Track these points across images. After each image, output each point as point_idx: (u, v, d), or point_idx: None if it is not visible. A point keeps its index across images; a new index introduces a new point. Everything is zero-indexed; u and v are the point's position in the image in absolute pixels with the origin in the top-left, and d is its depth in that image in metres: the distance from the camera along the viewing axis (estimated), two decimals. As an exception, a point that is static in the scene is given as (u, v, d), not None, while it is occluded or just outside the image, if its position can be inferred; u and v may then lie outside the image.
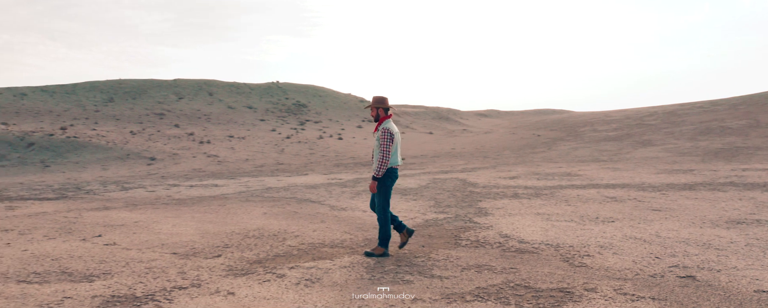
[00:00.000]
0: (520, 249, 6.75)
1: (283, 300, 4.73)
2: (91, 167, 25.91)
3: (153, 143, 31.87)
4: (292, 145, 34.38)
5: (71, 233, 8.41)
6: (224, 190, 15.63)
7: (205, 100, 47.01)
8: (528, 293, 4.87)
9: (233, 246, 7.24)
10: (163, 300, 4.78)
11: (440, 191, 13.57)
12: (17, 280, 5.49)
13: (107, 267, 6.05)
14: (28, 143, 28.11)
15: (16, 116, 37.72)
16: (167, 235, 8.15)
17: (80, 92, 46.17)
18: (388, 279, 5.39)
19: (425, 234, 7.98)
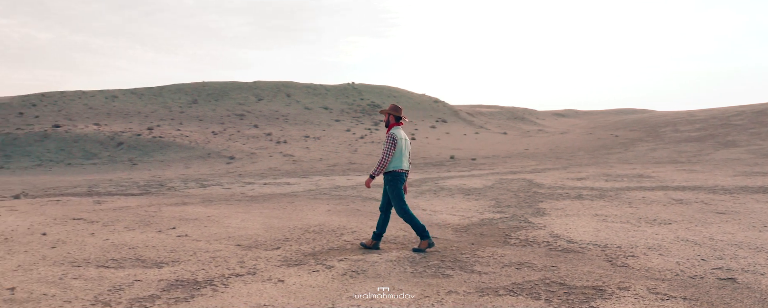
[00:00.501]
0: (567, 249, 6.87)
1: (327, 289, 5.11)
2: (174, 165, 27.33)
3: (232, 142, 33.21)
4: (365, 145, 34.99)
5: (149, 225, 9.11)
6: (295, 188, 16.26)
7: (283, 101, 48.46)
8: (561, 289, 5.03)
9: (292, 240, 7.69)
10: (219, 285, 5.25)
11: (504, 192, 13.66)
12: (96, 265, 6.13)
13: (176, 256, 6.62)
14: (117, 143, 29.96)
15: (107, 117, 40.17)
16: (235, 229, 8.70)
17: (166, 94, 48.59)
18: (429, 273, 5.67)
19: (477, 233, 8.19)
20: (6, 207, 11.90)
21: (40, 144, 30.24)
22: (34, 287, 5.18)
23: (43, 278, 5.52)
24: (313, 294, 4.92)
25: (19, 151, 29.58)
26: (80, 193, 16.22)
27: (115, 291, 5.06)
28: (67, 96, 45.66)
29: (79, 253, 6.73)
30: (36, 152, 29.38)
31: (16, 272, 5.77)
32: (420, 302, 4.69)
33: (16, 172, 26.78)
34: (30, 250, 6.88)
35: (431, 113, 50.17)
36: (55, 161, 28.16)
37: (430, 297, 4.84)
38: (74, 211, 11.03)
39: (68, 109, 42.09)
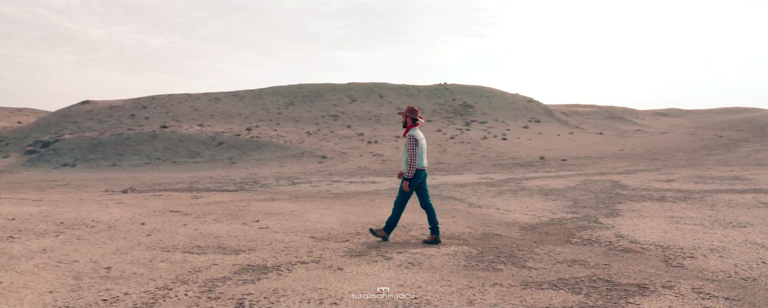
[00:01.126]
0: (627, 249, 6.91)
1: (380, 277, 5.50)
2: (270, 164, 28.63)
3: (325, 142, 34.30)
4: (455, 145, 35.14)
5: (236, 218, 9.86)
6: (379, 186, 16.77)
7: (375, 102, 49.36)
8: (604, 286, 5.16)
9: (363, 234, 8.14)
10: (284, 270, 5.77)
11: (585, 193, 13.55)
12: (183, 251, 6.83)
13: (254, 245, 7.22)
14: (218, 142, 31.72)
15: (210, 118, 42.47)
16: (312, 223, 9.26)
17: (265, 96, 50.69)
18: (481, 267, 5.94)
19: (543, 232, 8.32)
20: (114, 200, 13.11)
21: (149, 144, 32.53)
22: (126, 267, 5.90)
23: (136, 260, 6.25)
24: (365, 281, 5.32)
25: (130, 150, 31.96)
26: (181, 189, 17.49)
27: (194, 272, 5.68)
28: (174, 99, 48.64)
29: (169, 240, 7.48)
30: (145, 151, 31.64)
31: (114, 254, 6.54)
32: (463, 292, 4.98)
33: (127, 169, 29.00)
34: (128, 237, 7.71)
35: (524, 112, 49.53)
36: (161, 160, 30.24)
37: (474, 287, 5.12)
38: (173, 204, 12.02)
39: (175, 111, 44.87)
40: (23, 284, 5.16)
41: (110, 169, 29.40)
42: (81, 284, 5.22)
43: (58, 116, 47.67)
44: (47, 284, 5.19)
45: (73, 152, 32.67)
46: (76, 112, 46.74)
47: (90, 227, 8.48)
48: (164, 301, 4.67)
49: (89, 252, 6.64)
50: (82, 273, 5.65)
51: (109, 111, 45.59)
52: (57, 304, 4.58)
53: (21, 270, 5.71)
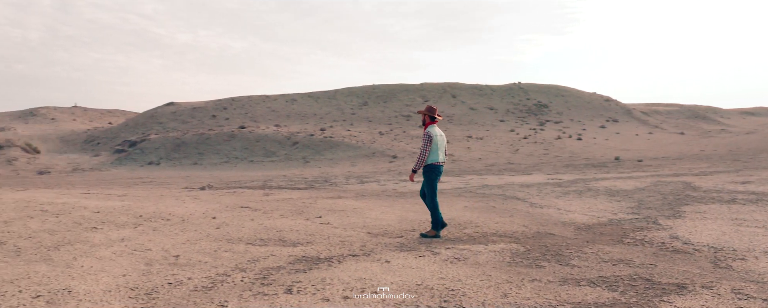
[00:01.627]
0: (678, 250, 6.87)
1: (424, 270, 5.76)
2: (342, 163, 29.28)
3: (397, 142, 34.70)
4: (528, 145, 34.79)
5: (300, 214, 10.34)
6: (444, 186, 16.96)
7: (448, 102, 49.41)
8: (643, 284, 5.23)
9: (418, 230, 8.41)
10: (335, 262, 6.13)
11: (653, 194, 13.31)
12: (246, 242, 7.32)
13: (312, 239, 7.64)
14: (293, 142, 32.69)
15: (287, 118, 43.74)
16: (372, 219, 9.61)
17: (340, 97, 51.66)
18: (525, 264, 6.10)
19: (597, 232, 8.34)
20: (192, 196, 13.92)
21: (228, 143, 33.92)
22: (193, 255, 6.42)
23: (202, 250, 6.78)
24: (408, 273, 5.60)
25: (210, 149, 33.43)
26: (255, 186, 18.28)
27: (253, 262, 6.13)
28: (253, 100, 50.37)
29: (235, 233, 8.01)
30: (224, 151, 33.02)
31: (184, 244, 7.10)
32: (500, 286, 5.18)
33: (207, 168, 30.38)
34: (199, 229, 8.30)
35: (601, 112, 48.34)
36: (239, 159, 31.50)
37: (512, 282, 5.31)
38: (244, 201, 12.67)
39: (253, 111, 46.47)
40: (100, 268, 5.75)
41: (192, 167, 30.87)
42: (151, 269, 5.76)
43: (144, 117, 50.31)
44: (121, 268, 5.75)
45: (157, 151, 34.47)
46: (162, 113, 49.18)
47: (166, 220, 9.14)
48: (222, 286, 5.11)
49: (162, 242, 7.23)
50: (153, 260, 6.20)
51: (191, 112, 47.72)
52: (128, 285, 5.10)
53: (100, 256, 6.33)
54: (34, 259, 6.09)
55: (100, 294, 4.80)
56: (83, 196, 13.19)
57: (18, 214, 9.16)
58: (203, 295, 4.80)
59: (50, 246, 6.76)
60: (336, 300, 4.70)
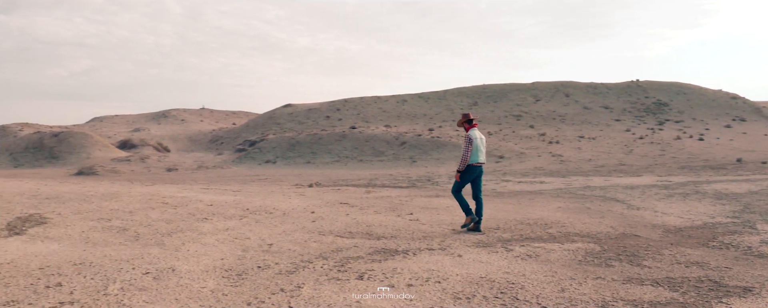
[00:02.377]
0: (762, 254, 6.68)
1: (492, 265, 6.06)
2: (448, 163, 29.59)
3: (505, 142, 34.52)
4: (643, 146, 33.47)
5: (394, 210, 10.85)
6: (545, 186, 16.90)
7: (561, 101, 48.33)
8: (708, 286, 5.23)
9: (502, 229, 8.66)
10: (411, 254, 6.56)
11: (764, 198, 12.67)
12: (335, 235, 7.92)
13: (397, 233, 8.11)
14: (401, 142, 33.41)
15: (397, 119, 44.61)
16: (461, 217, 9.93)
17: (449, 97, 51.91)
18: (595, 263, 6.23)
19: (686, 235, 8.22)
20: (298, 193, 14.84)
21: (339, 143, 35.22)
22: (285, 244, 7.09)
23: (295, 240, 7.44)
24: (476, 267, 5.93)
25: (322, 149, 34.87)
26: (359, 184, 19.06)
27: (336, 251, 6.70)
28: (365, 101, 51.76)
29: (328, 226, 8.64)
30: (335, 150, 34.34)
31: (279, 235, 7.81)
32: (561, 282, 5.39)
33: (318, 166, 31.75)
34: (296, 222, 9.02)
35: (727, 110, 45.37)
36: (349, 158, 32.66)
37: (575, 279, 5.49)
38: (344, 197, 13.38)
39: (365, 112, 47.77)
40: (203, 252, 6.53)
41: (305, 166, 32.39)
42: (246, 255, 6.46)
43: (264, 118, 53.10)
44: (221, 253, 6.50)
45: (274, 151, 36.41)
46: (279, 114, 51.69)
47: (269, 214, 9.96)
48: (303, 270, 5.69)
49: (260, 232, 7.99)
50: (250, 247, 6.93)
51: (307, 113, 49.80)
52: (223, 267, 5.80)
53: (205, 242, 7.14)
54: (150, 243, 7.00)
55: (199, 273, 5.52)
56: (201, 191, 14.44)
57: (142, 205, 10.32)
58: (284, 278, 5.39)
59: (164, 233, 7.70)
60: (400, 287, 5.13)
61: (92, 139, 40.14)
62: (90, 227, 8.02)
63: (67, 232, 7.58)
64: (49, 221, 8.36)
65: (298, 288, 5.04)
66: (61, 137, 39.84)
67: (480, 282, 5.34)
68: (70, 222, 8.34)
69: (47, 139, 39.93)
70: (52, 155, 37.51)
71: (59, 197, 11.21)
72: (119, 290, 4.84)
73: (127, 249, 6.62)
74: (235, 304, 4.55)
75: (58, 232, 7.56)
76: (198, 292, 4.85)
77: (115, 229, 7.91)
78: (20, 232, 7.45)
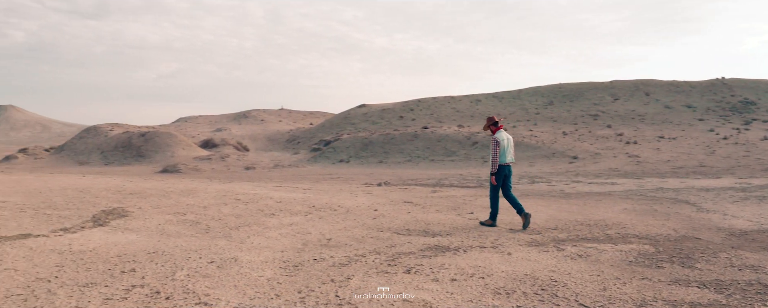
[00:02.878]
0: (827, 258, 6.51)
1: (540, 263, 6.18)
2: (520, 163, 29.37)
3: (580, 143, 33.89)
4: (727, 147, 32.08)
5: (454, 210, 11.05)
6: (615, 188, 16.61)
7: (640, 100, 46.87)
8: (755, 289, 5.16)
9: (559, 229, 8.71)
10: (461, 251, 6.77)
11: None
12: (393, 231, 8.22)
13: (452, 231, 8.32)
14: (472, 142, 33.38)
15: (470, 119, 44.49)
16: (519, 217, 10.01)
17: (524, 96, 51.28)
18: (645, 264, 6.24)
19: (749, 239, 8.01)
20: (365, 191, 15.24)
21: (411, 143, 35.53)
22: (343, 240, 7.44)
23: (353, 235, 7.79)
24: (523, 265, 6.07)
25: (394, 148, 35.28)
26: (428, 184, 19.29)
27: (390, 247, 6.99)
28: (438, 101, 51.89)
29: (387, 223, 8.95)
30: (407, 150, 34.67)
31: (339, 230, 8.18)
32: (605, 281, 5.46)
33: (390, 166, 32.17)
34: (358, 219, 9.38)
35: (825, 110, 42.73)
36: (421, 158, 32.92)
37: (620, 279, 5.56)
38: (409, 196, 13.67)
39: (438, 112, 47.90)
40: (266, 245, 6.97)
41: (377, 165, 32.88)
42: (305, 248, 6.86)
43: (339, 118, 54.12)
44: (282, 246, 6.93)
45: (348, 150, 37.13)
46: (354, 114, 52.55)
47: (333, 211, 10.38)
48: (355, 264, 6.01)
49: (322, 228, 8.39)
50: (310, 241, 7.32)
51: (381, 113, 50.42)
52: (282, 259, 6.20)
53: (269, 236, 7.60)
54: (218, 236, 7.52)
55: (259, 263, 5.94)
56: (274, 189, 15.09)
57: (216, 201, 10.96)
58: (337, 270, 5.73)
59: (233, 227, 8.22)
60: (444, 281, 5.37)
61: (176, 138, 42.12)
62: (166, 220, 8.66)
63: (145, 224, 8.23)
64: (130, 214, 9.07)
65: (347, 279, 5.36)
66: (148, 137, 42.03)
67: (523, 279, 5.50)
68: (149, 216, 9.02)
69: (135, 138, 42.22)
70: (140, 154, 39.64)
71: (141, 192, 12.04)
72: (185, 276, 5.31)
73: (197, 240, 7.16)
74: (287, 292, 4.91)
75: (137, 224, 8.22)
76: (255, 280, 5.26)
77: (188, 222, 8.52)
78: (104, 224, 8.15)
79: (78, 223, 8.14)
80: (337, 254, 6.53)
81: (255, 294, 4.83)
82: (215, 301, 4.56)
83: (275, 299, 4.70)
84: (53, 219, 8.41)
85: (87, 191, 12.17)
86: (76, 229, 7.68)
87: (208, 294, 4.75)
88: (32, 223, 8.01)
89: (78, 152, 43.75)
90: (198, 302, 4.53)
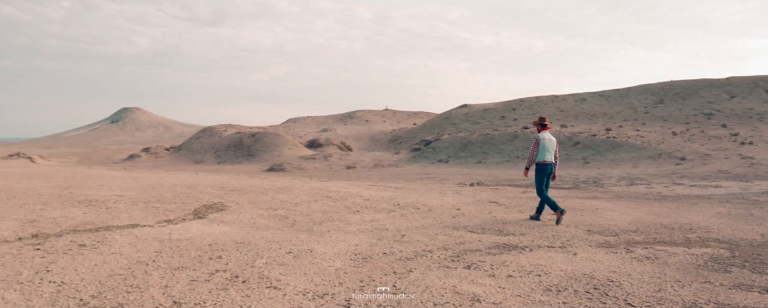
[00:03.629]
0: None
1: (602, 264, 6.28)
2: (623, 164, 28.51)
3: (690, 143, 32.37)
4: None
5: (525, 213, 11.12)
6: (718, 191, 15.94)
7: (760, 98, 43.90)
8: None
9: (638, 231, 8.65)
10: (526, 250, 6.97)
11: None
12: (467, 230, 8.51)
13: (527, 231, 8.49)
14: (574, 142, 32.68)
15: (574, 118, 43.45)
16: (604, 219, 10.00)
17: (632, 95, 49.36)
18: (713, 268, 6.17)
19: None
20: (455, 191, 15.55)
21: (510, 143, 35.28)
22: (416, 236, 7.84)
23: (427, 233, 8.17)
24: (584, 265, 6.20)
25: (494, 149, 35.18)
26: (521, 184, 19.26)
27: (459, 244, 7.31)
28: (541, 100, 50.99)
29: (465, 222, 9.25)
30: (506, 150, 34.47)
31: (416, 228, 8.59)
32: (663, 283, 5.51)
33: (488, 166, 32.14)
34: (437, 217, 9.74)
35: None
36: (520, 158, 32.63)
37: (680, 281, 5.57)
38: (497, 197, 13.84)
39: (541, 112, 47.07)
40: (343, 239, 7.50)
41: (475, 165, 32.94)
42: (378, 243, 7.32)
43: (440, 118, 54.44)
44: (357, 240, 7.43)
45: (447, 150, 37.40)
46: (455, 115, 52.68)
47: (415, 209, 10.79)
48: (420, 258, 6.40)
49: (400, 225, 8.83)
50: (385, 237, 7.78)
51: (482, 113, 50.26)
52: (354, 252, 6.69)
53: (348, 231, 8.14)
54: (302, 229, 8.14)
55: (332, 255, 6.46)
56: (366, 187, 15.72)
57: (308, 198, 11.68)
58: (402, 263, 6.14)
59: (317, 222, 8.84)
60: (500, 277, 5.64)
61: (283, 139, 44.10)
62: (258, 214, 9.42)
63: (238, 218, 9.02)
64: (228, 208, 9.93)
65: (408, 272, 5.76)
66: (257, 137, 44.28)
67: (580, 278, 5.66)
68: (244, 210, 9.84)
69: (246, 138, 44.61)
70: (249, 153, 41.86)
71: (242, 189, 13.00)
72: (263, 264, 5.92)
73: (281, 233, 7.81)
74: (350, 281, 5.38)
75: (231, 217, 9.03)
76: (324, 270, 5.77)
77: (278, 217, 9.23)
78: (202, 216, 9.02)
79: (180, 216, 9.07)
80: (407, 249, 6.93)
81: (321, 281, 5.34)
82: (284, 286, 5.11)
83: (338, 286, 5.18)
84: (160, 212, 9.41)
85: (194, 187, 13.31)
86: (178, 221, 8.58)
87: (280, 280, 5.30)
88: (141, 215, 9.02)
89: (194, 151, 46.79)
90: (269, 286, 5.10)
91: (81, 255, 6.11)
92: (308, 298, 4.79)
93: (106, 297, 4.67)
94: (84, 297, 4.65)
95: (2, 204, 9.86)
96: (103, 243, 6.75)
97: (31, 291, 4.78)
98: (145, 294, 4.77)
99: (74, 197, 11.13)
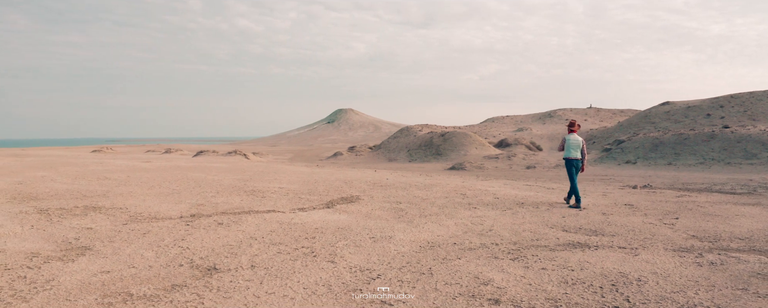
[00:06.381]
0: None
1: (654, 265, 6.49)
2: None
3: None
4: None
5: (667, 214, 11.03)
6: None
7: None
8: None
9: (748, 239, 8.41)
10: (591, 249, 7.42)
11: None
12: (561, 229, 9.04)
13: (617, 232, 8.74)
14: (779, 144, 29.56)
15: (791, 117, 38.86)
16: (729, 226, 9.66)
17: None
18: (753, 273, 6.23)
19: None
20: (604, 193, 15.57)
21: (706, 144, 32.75)
22: (502, 232, 8.61)
23: (515, 229, 8.86)
24: (634, 265, 6.50)
25: (687, 150, 32.94)
26: (692, 189, 18.38)
27: (533, 240, 7.95)
28: (755, 96, 46.09)
29: (566, 222, 9.71)
30: (700, 151, 32.10)
31: (511, 224, 9.33)
32: (697, 284, 5.69)
33: (678, 168, 30.30)
34: (543, 216, 10.30)
35: None
36: (714, 160, 30.30)
37: (716, 286, 5.66)
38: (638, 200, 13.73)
39: (753, 109, 42.73)
40: (429, 229, 8.57)
41: (664, 167, 31.25)
42: (460, 234, 8.25)
43: (639, 117, 51.69)
44: (444, 231, 8.44)
45: (636, 151, 35.79)
46: (655, 113, 49.70)
47: (535, 208, 11.40)
48: (481, 249, 7.24)
49: (498, 221, 9.61)
50: (472, 230, 8.67)
51: (685, 111, 46.87)
52: (428, 240, 7.73)
53: (443, 224, 9.18)
54: (404, 220, 9.36)
55: (406, 242, 7.59)
56: (503, 185, 16.35)
57: (441, 195, 12.80)
58: (458, 252, 7.07)
59: (424, 215, 9.97)
60: (533, 268, 6.32)
61: (471, 138, 45.30)
62: (379, 206, 10.81)
63: (360, 209, 10.48)
64: (358, 200, 11.47)
65: (456, 259, 6.70)
66: (446, 137, 46.03)
67: (609, 275, 6.10)
68: (370, 203, 11.30)
69: (436, 138, 46.61)
70: (438, 152, 43.72)
71: (389, 185, 14.51)
72: (343, 245, 7.26)
73: (383, 222, 9.09)
74: (400, 262, 6.49)
75: (355, 208, 10.52)
76: (389, 252, 6.94)
77: (394, 209, 10.53)
78: (330, 207, 10.64)
79: (313, 205, 10.79)
80: (478, 241, 7.80)
81: (376, 260, 6.52)
82: (340, 260, 6.39)
83: (385, 265, 6.33)
84: (301, 201, 11.23)
85: (349, 182, 15.13)
86: (308, 209, 10.28)
87: (343, 257, 6.59)
88: (283, 203, 10.90)
89: (390, 149, 49.91)
90: (329, 260, 6.41)
91: (214, 230, 7.98)
92: (350, 271, 6.02)
93: (209, 258, 6.35)
94: (194, 258, 6.38)
95: (188, 191, 12.44)
96: (237, 222, 8.61)
97: (162, 251, 6.65)
98: (236, 259, 6.37)
99: (244, 187, 13.51)
